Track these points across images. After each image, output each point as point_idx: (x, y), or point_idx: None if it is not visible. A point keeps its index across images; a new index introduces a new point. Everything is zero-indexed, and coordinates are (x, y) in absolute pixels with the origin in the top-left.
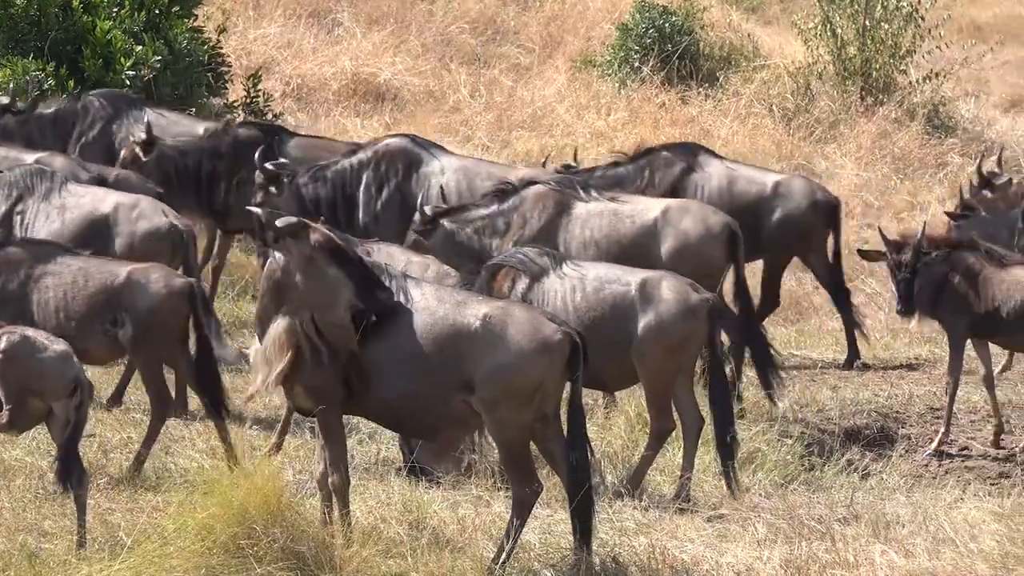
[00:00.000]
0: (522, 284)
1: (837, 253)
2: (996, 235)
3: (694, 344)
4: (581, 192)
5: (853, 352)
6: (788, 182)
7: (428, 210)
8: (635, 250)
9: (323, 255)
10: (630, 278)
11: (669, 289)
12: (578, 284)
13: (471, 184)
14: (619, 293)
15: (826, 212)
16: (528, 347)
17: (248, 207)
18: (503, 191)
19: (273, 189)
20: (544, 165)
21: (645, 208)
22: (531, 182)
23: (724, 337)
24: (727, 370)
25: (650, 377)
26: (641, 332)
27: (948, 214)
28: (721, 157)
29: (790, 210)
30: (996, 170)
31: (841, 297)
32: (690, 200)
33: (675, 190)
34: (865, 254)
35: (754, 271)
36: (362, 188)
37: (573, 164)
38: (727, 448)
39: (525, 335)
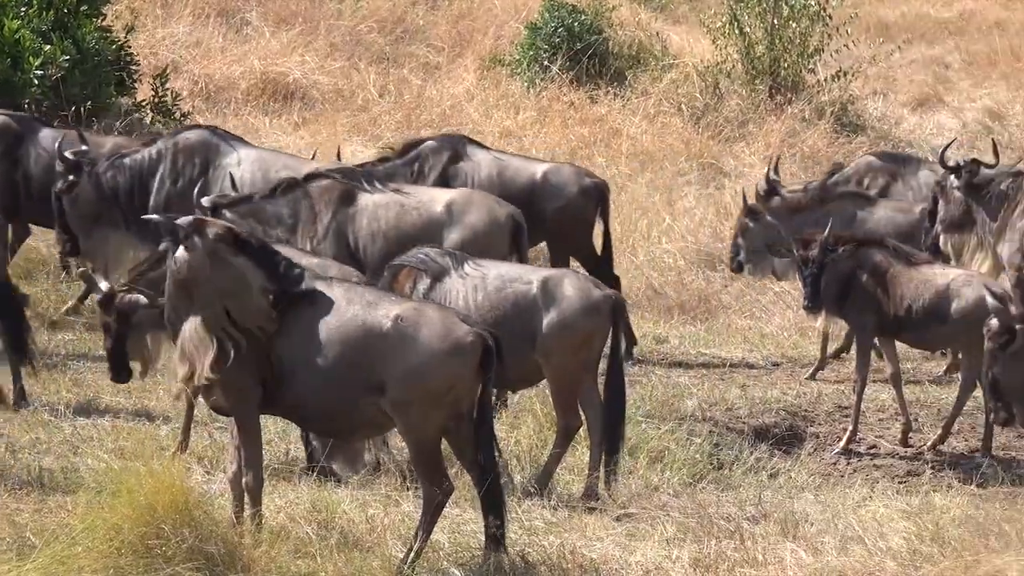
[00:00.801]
0: (423, 284)
1: (607, 237)
2: (779, 240)
3: (597, 341)
4: (366, 184)
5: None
6: (557, 169)
7: (207, 201)
8: (421, 242)
9: (227, 246)
10: (532, 276)
11: (571, 287)
12: (479, 283)
13: (266, 176)
14: (521, 292)
15: (596, 197)
16: (440, 348)
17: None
18: (288, 183)
19: (72, 177)
20: (313, 158)
21: (431, 200)
22: (317, 174)
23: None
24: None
25: (555, 375)
26: (545, 330)
27: (746, 218)
28: (487, 147)
29: (560, 197)
30: (775, 176)
31: (610, 285)
32: (474, 191)
33: (444, 181)
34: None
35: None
36: (157, 178)
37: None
38: (614, 444)
39: (437, 336)
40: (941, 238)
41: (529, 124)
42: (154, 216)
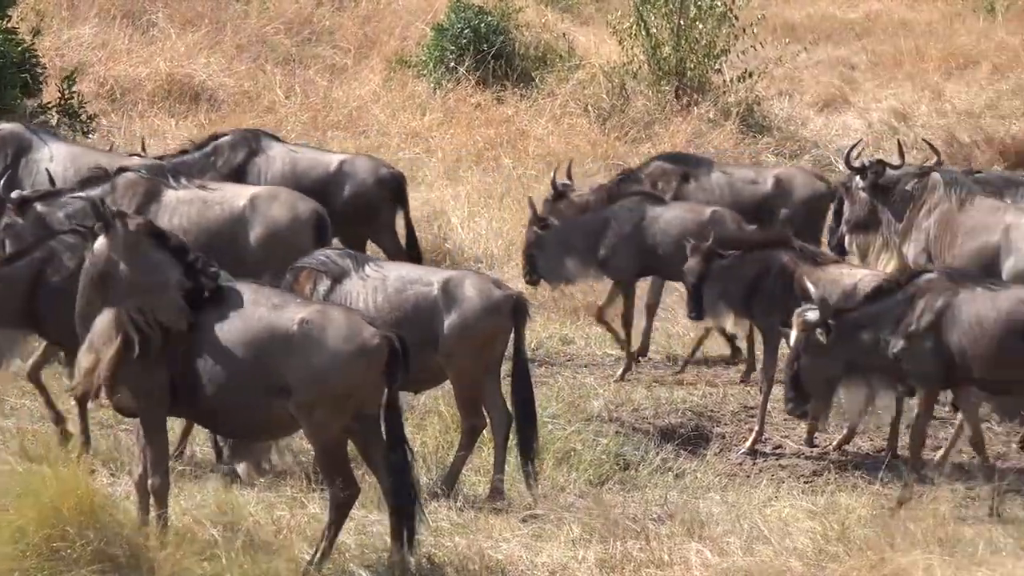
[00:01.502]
0: (324, 286)
1: (409, 228)
2: (576, 239)
3: (499, 341)
4: (171, 179)
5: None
6: (352, 161)
7: (16, 195)
8: (224, 238)
9: (147, 239)
10: (432, 278)
11: (472, 287)
12: (380, 285)
13: (78, 171)
14: (422, 293)
15: (392, 188)
16: (345, 350)
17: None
18: (94, 177)
19: None
20: (143, 150)
21: (233, 196)
22: (123, 169)
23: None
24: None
25: (458, 376)
26: (446, 331)
27: (533, 224)
28: (283, 141)
29: (355, 188)
30: (568, 181)
31: None
32: (278, 188)
33: (239, 174)
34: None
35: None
36: None
37: None
38: (528, 446)
39: (342, 339)
40: (847, 239)
41: (435, 125)
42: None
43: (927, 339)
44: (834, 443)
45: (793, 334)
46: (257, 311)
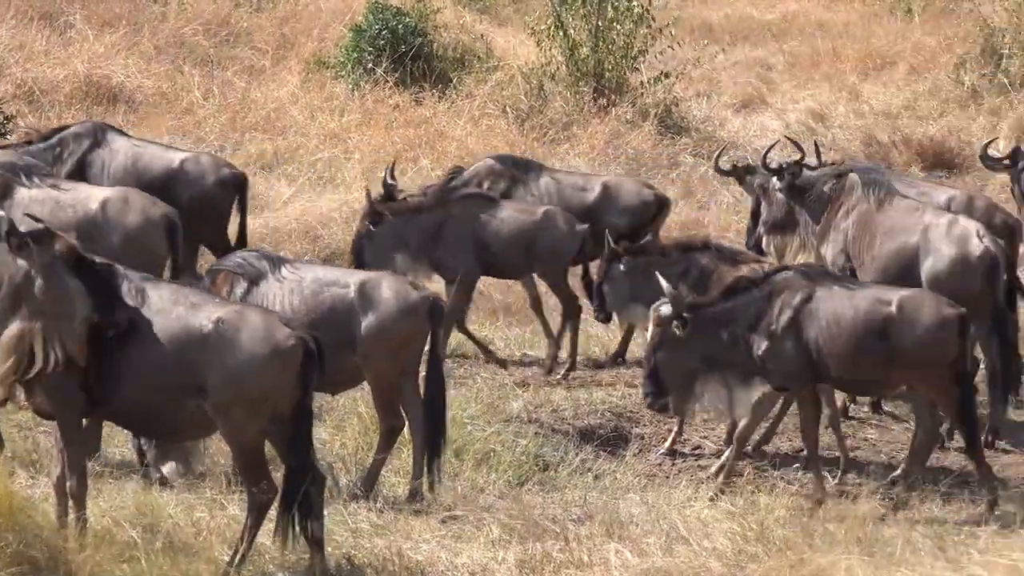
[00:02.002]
0: (240, 288)
1: (243, 228)
2: (409, 238)
3: (416, 342)
4: (24, 177)
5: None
6: (196, 159)
7: None
8: (77, 238)
9: (64, 265)
10: (349, 279)
11: (388, 289)
12: (296, 287)
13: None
14: (338, 295)
15: (233, 188)
16: (260, 352)
17: None
18: None
19: None
20: (31, 143)
21: (87, 197)
22: None
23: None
24: None
25: (375, 377)
26: (363, 333)
27: (365, 218)
28: (128, 135)
29: (196, 187)
30: (392, 181)
31: None
32: (129, 189)
33: (82, 167)
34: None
35: None
36: None
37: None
38: (437, 446)
39: (258, 339)
40: (764, 239)
41: (354, 126)
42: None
43: (787, 338)
44: (754, 444)
45: (650, 328)
46: (176, 311)
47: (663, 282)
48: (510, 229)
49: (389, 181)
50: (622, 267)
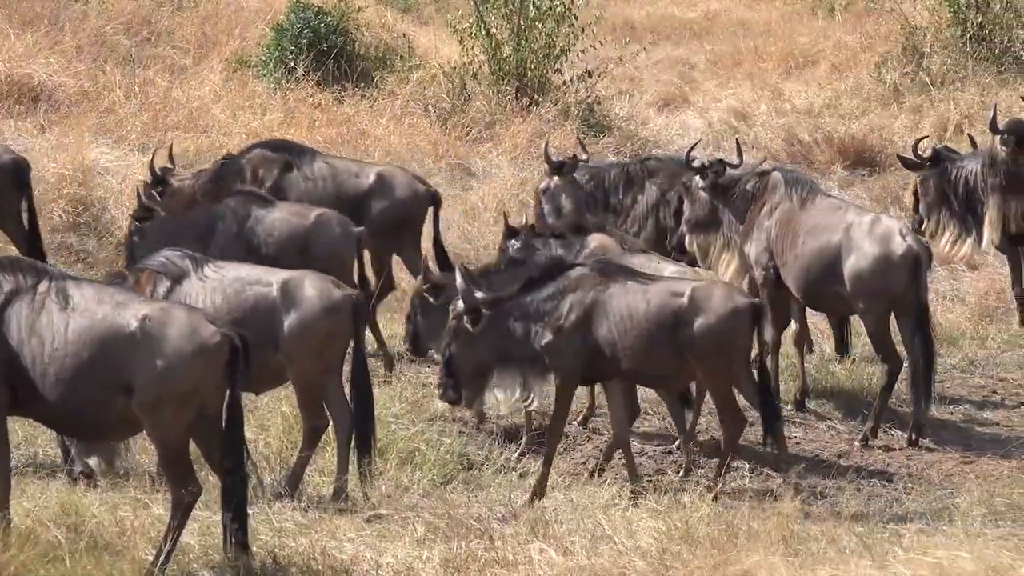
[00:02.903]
0: (163, 286)
1: (32, 219)
2: (180, 235)
3: (340, 341)
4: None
5: None
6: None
7: None
8: None
9: None
10: (271, 278)
11: (311, 288)
12: (218, 286)
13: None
14: (261, 294)
15: (13, 175)
16: (186, 349)
17: None
18: None
19: None
20: None
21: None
22: None
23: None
24: None
25: (299, 376)
26: (286, 332)
27: (134, 216)
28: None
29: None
30: (169, 165)
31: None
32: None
33: None
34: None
35: None
36: None
37: None
38: (366, 445)
39: (183, 337)
40: (687, 238)
41: (276, 125)
42: None
43: (575, 333)
44: (676, 442)
45: (449, 322)
46: (101, 309)
47: (458, 277)
48: (282, 232)
49: (163, 166)
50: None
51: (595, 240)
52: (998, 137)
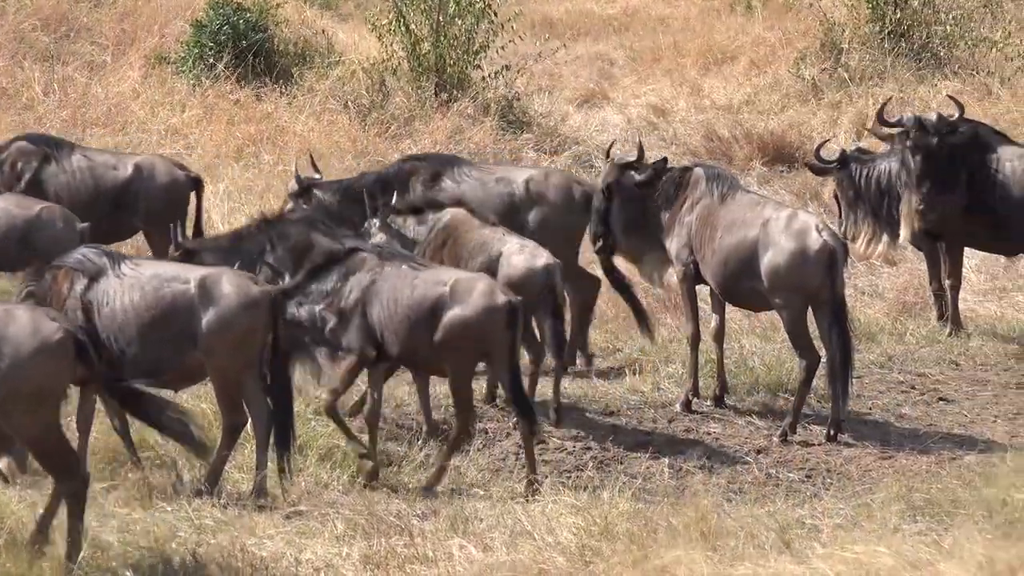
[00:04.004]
0: (80, 284)
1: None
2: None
3: (258, 338)
4: None
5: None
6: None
7: None
8: None
9: None
10: (189, 275)
11: (229, 284)
12: (136, 283)
13: None
14: (179, 291)
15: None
16: (28, 347)
17: None
18: None
19: None
20: None
21: None
22: None
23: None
24: None
25: (217, 373)
26: (204, 328)
27: None
28: None
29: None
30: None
31: None
32: None
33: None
34: None
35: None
36: None
37: None
38: (286, 441)
39: (26, 335)
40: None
41: (195, 122)
42: None
43: (353, 316)
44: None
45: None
46: None
47: (268, 263)
48: (2, 223)
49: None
50: None
51: (449, 214)
52: (902, 132)
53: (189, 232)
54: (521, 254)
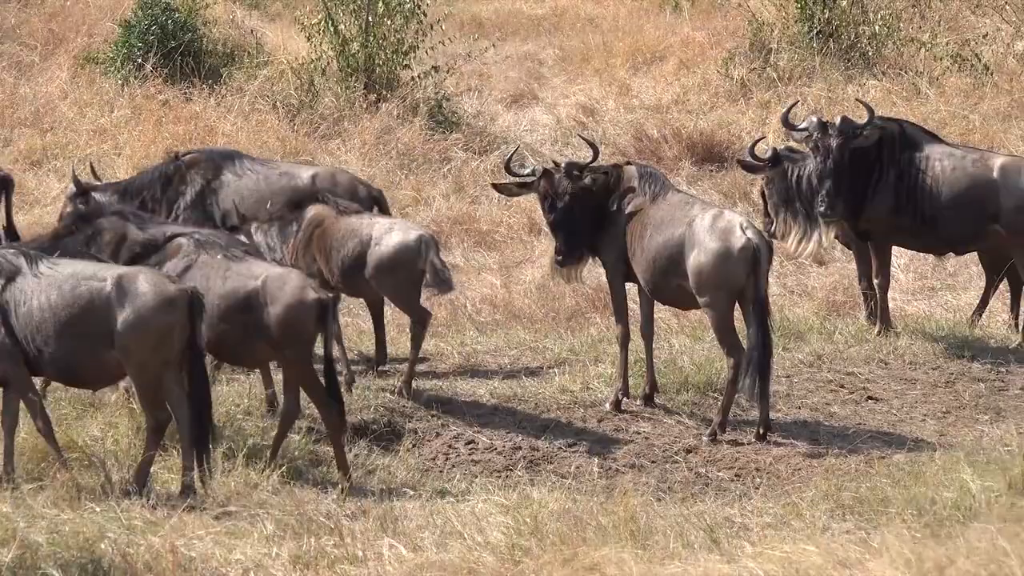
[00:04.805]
0: None
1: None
2: None
3: (176, 336)
4: None
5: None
6: None
7: None
8: None
9: None
10: (106, 273)
11: (146, 282)
12: (53, 282)
13: None
14: (95, 289)
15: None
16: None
17: None
18: None
19: None
20: None
21: None
22: None
23: None
24: None
25: (136, 372)
26: (120, 327)
27: None
28: None
29: None
30: None
31: None
32: None
33: None
34: None
35: None
36: None
37: None
38: (204, 441)
39: None
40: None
41: (123, 122)
42: None
43: None
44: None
45: None
46: None
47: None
48: None
49: None
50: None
51: (312, 210)
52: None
53: None
54: (392, 231)
